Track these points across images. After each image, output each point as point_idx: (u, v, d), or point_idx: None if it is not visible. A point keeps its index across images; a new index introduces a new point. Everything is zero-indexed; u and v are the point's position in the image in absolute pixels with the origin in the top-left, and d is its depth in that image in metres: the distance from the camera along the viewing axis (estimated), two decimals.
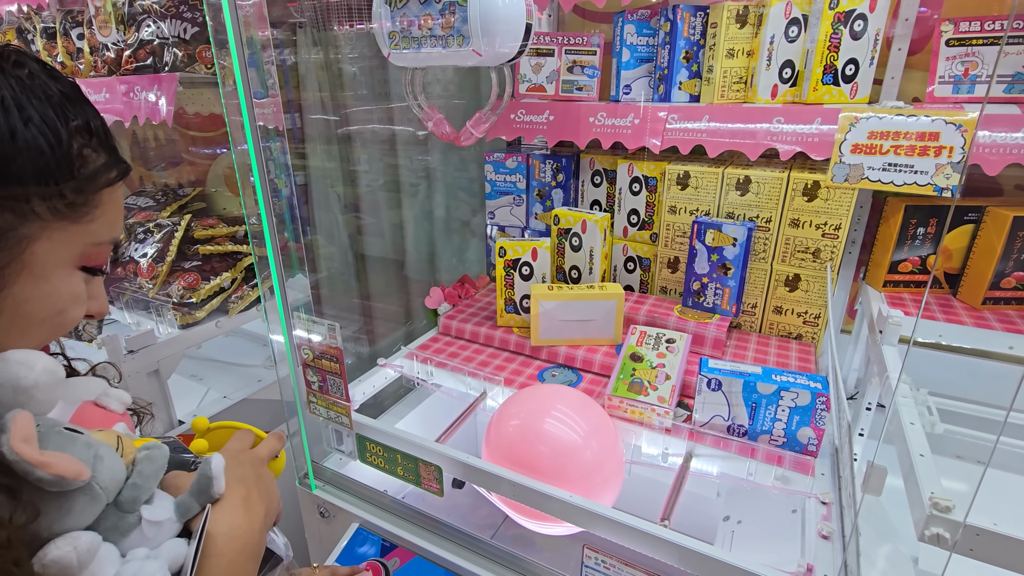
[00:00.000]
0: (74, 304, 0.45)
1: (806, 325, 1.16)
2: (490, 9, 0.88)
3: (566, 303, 1.13)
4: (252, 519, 0.52)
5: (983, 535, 0.58)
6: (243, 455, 0.59)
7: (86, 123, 0.44)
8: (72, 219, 0.43)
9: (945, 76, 1.06)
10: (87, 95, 0.46)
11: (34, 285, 0.42)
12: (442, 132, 1.12)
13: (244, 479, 0.54)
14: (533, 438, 0.91)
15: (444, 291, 1.35)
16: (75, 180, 0.42)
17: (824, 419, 0.88)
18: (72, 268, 0.45)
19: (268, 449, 0.62)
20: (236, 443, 0.61)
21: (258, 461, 0.59)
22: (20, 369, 0.40)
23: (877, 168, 0.99)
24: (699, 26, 1.17)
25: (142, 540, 0.45)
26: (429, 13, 0.93)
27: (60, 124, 0.41)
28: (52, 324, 0.44)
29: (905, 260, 1.08)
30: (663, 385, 0.99)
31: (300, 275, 1.20)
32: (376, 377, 1.17)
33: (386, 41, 1.00)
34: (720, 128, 1.13)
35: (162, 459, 0.49)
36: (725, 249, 1.13)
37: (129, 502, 0.45)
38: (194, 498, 0.49)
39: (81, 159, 0.43)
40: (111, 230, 0.46)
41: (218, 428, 0.68)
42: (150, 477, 0.47)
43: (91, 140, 0.44)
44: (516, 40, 0.93)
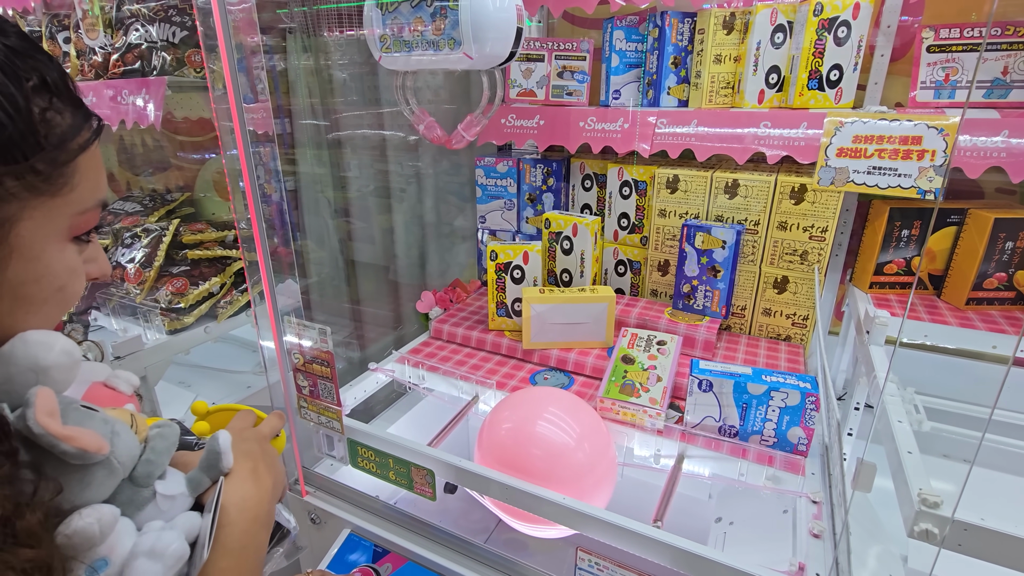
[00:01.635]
0: (72, 278, 0.44)
1: (795, 327, 1.17)
2: (481, 13, 0.89)
3: (557, 306, 1.14)
4: (261, 490, 0.53)
5: (971, 530, 0.59)
6: (247, 432, 0.60)
7: (42, 79, 0.38)
8: (51, 193, 0.39)
9: (926, 81, 1.09)
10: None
11: (26, 267, 0.40)
12: (433, 136, 1.13)
13: (250, 453, 0.56)
14: (525, 441, 0.91)
15: (435, 295, 1.34)
16: (45, 151, 0.38)
17: (813, 419, 0.89)
18: (63, 242, 0.42)
19: (270, 427, 0.64)
20: (239, 422, 0.63)
21: (262, 438, 0.61)
22: (40, 349, 0.40)
23: (862, 171, 1.00)
24: (687, 32, 1.19)
25: (157, 513, 0.47)
26: (420, 17, 0.93)
27: (14, 88, 0.36)
28: (55, 301, 0.43)
29: (890, 262, 1.10)
30: (654, 387, 1.00)
31: (290, 280, 1.19)
32: (367, 382, 1.16)
33: (377, 45, 1.00)
34: (708, 132, 1.14)
35: (173, 436, 0.50)
36: (714, 252, 1.14)
37: (144, 477, 0.46)
38: (204, 473, 0.51)
39: (46, 124, 0.38)
40: (95, 193, 0.43)
41: (217, 411, 0.70)
42: (163, 453, 0.48)
43: (52, 100, 0.39)
44: (507, 44, 0.94)
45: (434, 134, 1.12)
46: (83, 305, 1.30)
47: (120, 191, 1.90)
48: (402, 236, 1.66)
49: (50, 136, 0.39)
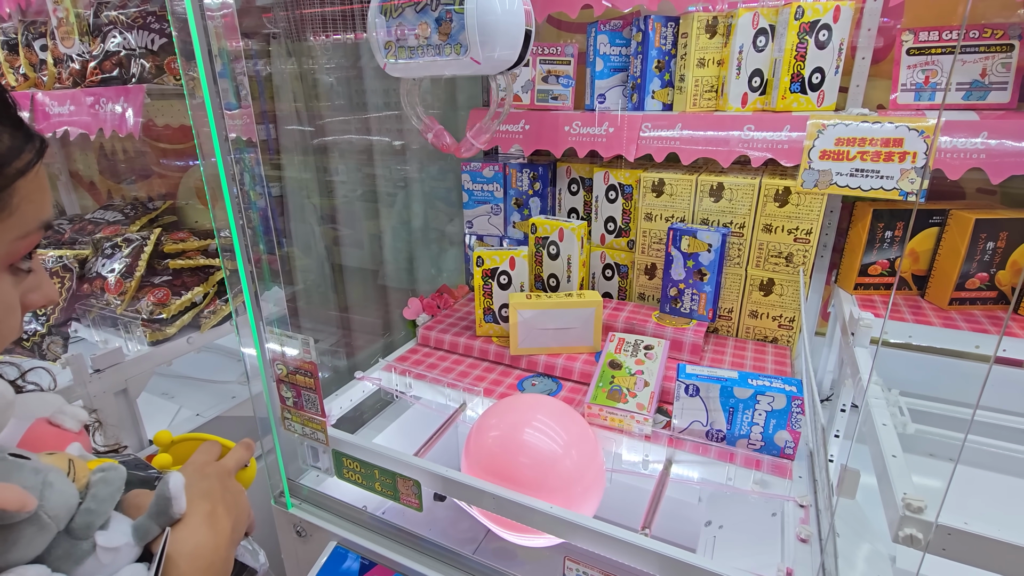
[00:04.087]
0: (6, 314, 0.40)
1: (781, 329, 1.17)
2: (488, 16, 0.85)
3: (545, 312, 1.13)
4: (218, 535, 0.49)
5: (954, 534, 0.59)
6: (208, 468, 0.56)
7: None
8: None
9: (907, 84, 1.09)
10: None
11: None
12: (443, 143, 1.10)
13: (208, 493, 0.52)
14: (513, 449, 0.91)
15: (422, 302, 1.33)
16: None
17: (800, 422, 0.89)
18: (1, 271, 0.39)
19: (235, 460, 0.60)
20: (201, 456, 0.59)
21: (224, 473, 0.57)
22: None
23: (845, 173, 1.01)
24: (670, 36, 1.19)
25: (97, 567, 0.43)
26: (425, 22, 0.90)
27: None
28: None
29: (875, 263, 1.10)
30: (642, 392, 0.99)
31: (275, 288, 1.18)
32: (354, 391, 1.15)
33: (382, 51, 0.97)
34: (693, 136, 1.15)
35: (118, 481, 0.46)
36: (700, 255, 1.14)
37: (82, 528, 0.42)
38: (153, 520, 0.47)
39: None
40: (38, 215, 0.40)
41: (183, 440, 0.66)
42: (105, 501, 0.44)
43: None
44: (516, 47, 0.91)
45: (443, 142, 1.10)
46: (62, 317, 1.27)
47: (101, 200, 1.87)
48: (389, 242, 1.65)
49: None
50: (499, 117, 1.05)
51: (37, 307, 0.44)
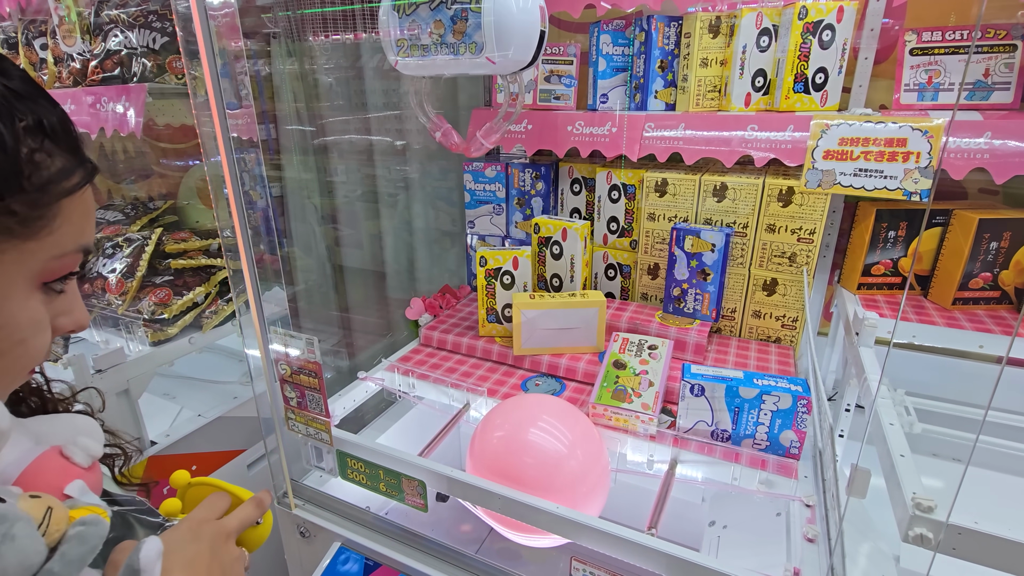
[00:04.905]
0: (36, 331, 0.40)
1: (784, 328, 1.17)
2: (505, 16, 0.84)
3: (548, 312, 1.13)
4: None
5: (965, 534, 0.59)
6: (204, 528, 0.51)
7: (38, 121, 0.37)
8: (25, 236, 0.37)
9: (910, 84, 1.10)
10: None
11: None
12: (451, 143, 1.09)
13: (192, 563, 0.47)
14: (517, 449, 0.90)
15: (425, 302, 1.33)
16: (26, 192, 0.36)
17: (805, 422, 0.89)
18: (30, 290, 0.39)
19: (239, 520, 0.54)
20: (202, 512, 0.53)
21: (221, 536, 0.51)
22: None
23: (848, 173, 1.01)
24: (673, 36, 1.19)
25: None
26: (439, 20, 0.88)
27: (3, 126, 0.35)
28: (14, 356, 0.39)
29: (878, 263, 1.10)
30: (647, 392, 0.99)
31: (277, 288, 1.17)
32: (357, 391, 1.14)
33: (393, 49, 0.95)
34: (696, 136, 1.15)
35: (95, 539, 0.41)
36: (704, 255, 1.14)
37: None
38: None
39: (32, 165, 0.37)
40: (78, 238, 0.40)
41: (200, 485, 0.61)
42: (73, 563, 0.39)
43: (44, 142, 0.38)
44: (531, 47, 0.90)
45: (452, 141, 1.09)
46: None
47: (101, 200, 1.86)
48: (390, 242, 1.65)
49: (34, 177, 0.37)
50: (510, 117, 1.04)
51: (67, 332, 0.43)
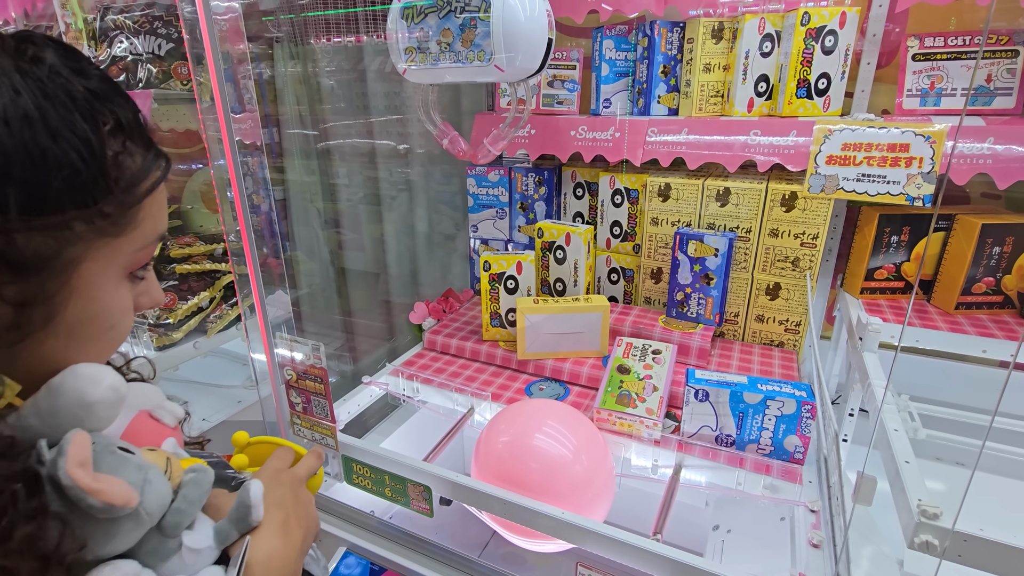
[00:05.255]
0: (124, 317, 0.43)
1: (788, 333, 1.18)
2: (513, 24, 0.85)
3: (552, 316, 1.13)
4: (290, 545, 0.51)
5: (970, 541, 0.59)
6: (283, 476, 0.57)
7: (118, 123, 0.39)
8: (115, 233, 0.39)
9: (912, 89, 1.10)
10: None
11: (84, 307, 0.39)
12: (458, 150, 1.10)
13: (282, 502, 0.53)
14: (522, 454, 0.90)
15: (428, 306, 1.33)
16: (114, 194, 0.38)
17: (810, 427, 0.90)
18: (120, 280, 0.42)
19: (307, 469, 0.61)
20: (276, 462, 0.60)
21: (297, 482, 0.58)
22: (87, 384, 0.39)
23: (851, 179, 1.01)
24: (676, 41, 1.20)
25: (180, 566, 0.44)
26: (448, 28, 0.89)
27: (91, 132, 0.36)
28: (106, 340, 0.42)
29: (881, 267, 1.11)
30: (651, 397, 1.00)
31: (281, 292, 1.18)
32: (361, 395, 1.14)
33: (401, 56, 0.96)
34: (699, 140, 1.15)
35: (207, 483, 0.48)
36: (707, 260, 1.15)
37: (171, 527, 0.44)
38: (233, 525, 0.49)
39: (118, 168, 0.38)
40: (156, 229, 0.43)
41: (258, 443, 0.68)
42: (194, 502, 0.46)
43: (125, 143, 0.39)
44: (538, 55, 0.91)
45: (459, 148, 1.10)
46: None
47: None
48: (393, 246, 1.65)
49: (120, 180, 0.39)
50: (517, 124, 1.04)
51: (146, 309, 0.47)
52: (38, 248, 0.35)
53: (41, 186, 0.34)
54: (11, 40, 0.36)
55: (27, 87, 0.34)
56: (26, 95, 0.34)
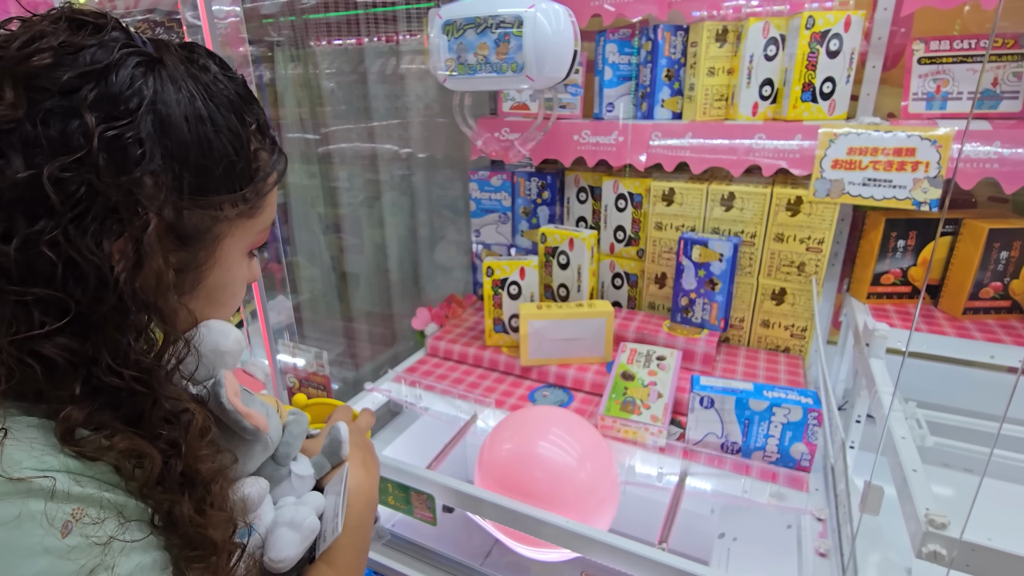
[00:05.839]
0: (243, 287, 0.50)
1: (793, 338, 1.17)
2: (543, 38, 0.94)
3: (555, 322, 1.12)
4: (371, 477, 0.61)
5: (979, 551, 0.58)
6: (352, 425, 0.66)
7: (258, 123, 0.46)
8: (249, 215, 0.46)
9: (918, 93, 1.09)
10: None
11: (220, 276, 0.46)
12: (492, 150, 1.20)
13: (359, 444, 0.63)
14: (526, 462, 0.90)
15: (430, 311, 1.33)
16: (253, 183, 0.45)
17: (816, 434, 0.89)
18: (243, 256, 0.48)
19: (366, 422, 0.70)
20: (341, 415, 0.68)
21: (362, 431, 0.67)
22: (220, 336, 0.47)
23: (857, 183, 1.01)
24: (679, 45, 1.19)
25: (289, 490, 0.53)
26: (484, 42, 0.99)
27: (242, 129, 0.43)
28: (230, 305, 0.49)
29: (887, 272, 1.10)
30: (655, 403, 0.99)
31: (282, 297, 1.17)
32: (364, 402, 1.14)
33: (443, 68, 1.05)
34: (703, 145, 1.14)
35: (305, 423, 0.57)
36: (712, 264, 1.14)
37: (283, 457, 0.53)
38: (327, 458, 0.58)
39: (256, 160, 0.45)
40: (271, 214, 0.50)
41: (315, 404, 0.77)
42: (298, 437, 0.55)
43: (264, 140, 0.46)
44: (565, 65, 0.99)
45: (492, 148, 1.20)
46: None
47: None
48: (395, 251, 1.64)
49: (259, 170, 0.46)
50: (544, 127, 1.14)
51: (251, 282, 0.53)
52: (198, 224, 0.42)
53: (207, 173, 0.41)
54: (182, 50, 0.43)
55: (199, 91, 0.41)
56: (199, 98, 0.41)
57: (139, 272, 0.37)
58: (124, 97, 0.37)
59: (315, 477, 0.56)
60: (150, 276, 0.37)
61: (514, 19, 0.95)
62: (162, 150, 0.38)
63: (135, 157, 0.37)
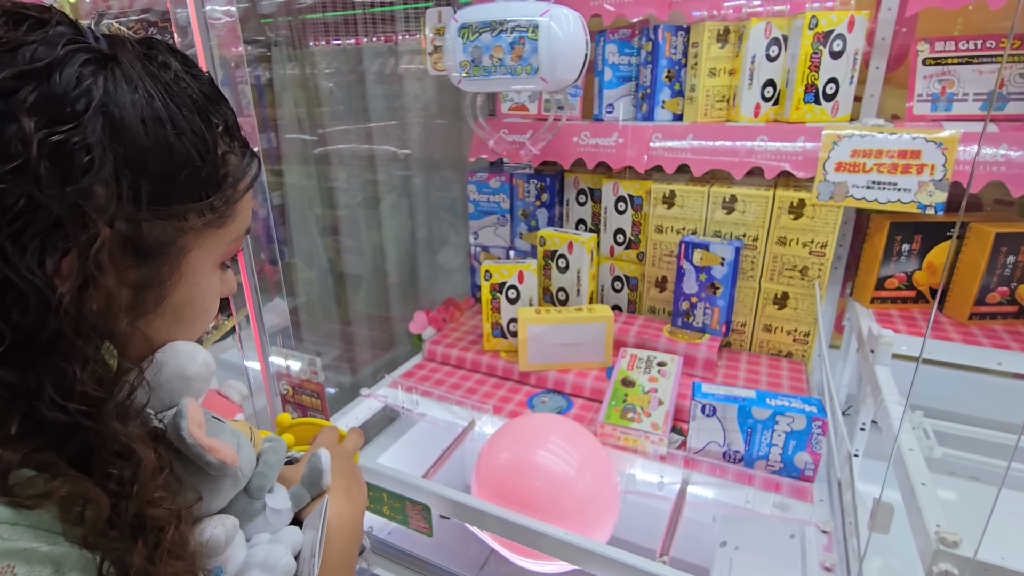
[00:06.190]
0: (214, 302, 0.46)
1: (796, 343, 1.15)
2: (556, 41, 0.97)
3: (554, 327, 1.11)
4: (355, 508, 0.56)
5: (991, 571, 0.57)
6: (336, 449, 0.61)
7: (226, 124, 0.42)
8: (218, 225, 0.43)
9: (923, 94, 1.07)
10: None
11: (188, 291, 0.42)
12: (503, 149, 1.21)
13: (343, 471, 0.57)
14: (524, 471, 0.88)
15: (428, 315, 1.31)
16: (222, 189, 0.42)
17: (820, 443, 0.87)
18: (214, 269, 0.45)
19: (353, 444, 0.65)
20: (326, 438, 0.63)
21: (347, 455, 0.62)
22: (186, 359, 0.43)
23: (861, 186, 0.99)
24: (680, 45, 1.17)
25: (264, 526, 0.48)
26: (499, 45, 1.01)
27: (207, 131, 0.40)
28: (201, 322, 0.46)
29: (891, 276, 1.08)
30: (656, 411, 0.97)
31: (278, 300, 1.15)
32: (360, 408, 1.12)
33: (458, 70, 1.07)
34: (704, 146, 1.12)
35: (283, 451, 0.51)
36: (713, 268, 1.12)
37: (257, 489, 0.48)
38: (306, 489, 0.53)
39: (225, 165, 0.42)
40: (246, 223, 0.46)
41: (300, 424, 0.71)
42: (274, 467, 0.49)
43: (232, 142, 0.43)
44: (577, 67, 1.02)
45: (503, 147, 1.21)
46: None
47: None
48: (393, 253, 1.62)
49: (228, 176, 0.42)
50: (554, 128, 1.15)
51: (225, 296, 0.49)
52: (159, 236, 0.38)
53: (168, 180, 0.38)
54: (140, 46, 0.39)
55: (158, 91, 0.37)
56: (157, 98, 0.37)
57: (87, 293, 0.33)
58: (69, 99, 0.33)
59: (293, 510, 0.52)
60: (100, 297, 0.34)
61: (529, 24, 0.98)
62: (115, 157, 0.35)
63: (82, 165, 0.33)
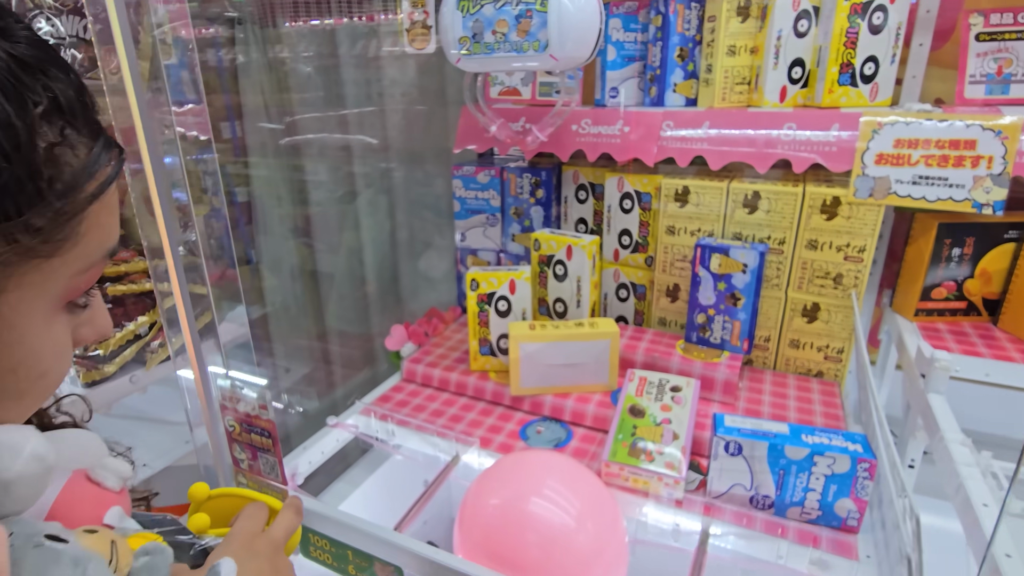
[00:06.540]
0: (58, 360, 0.34)
1: (827, 360, 1.01)
2: (568, 14, 0.88)
3: (551, 345, 0.96)
4: None
5: None
6: (257, 542, 0.50)
7: (54, 102, 0.29)
8: (48, 253, 0.30)
9: (976, 75, 0.94)
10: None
11: (5, 354, 0.30)
12: (506, 136, 1.09)
13: (264, 572, 0.47)
14: (516, 523, 0.75)
15: (407, 329, 1.16)
16: (48, 202, 0.29)
17: (867, 489, 0.73)
18: (53, 313, 0.33)
19: (284, 529, 0.53)
20: (248, 524, 0.51)
21: (275, 548, 0.51)
22: (3, 455, 0.31)
23: (906, 181, 0.85)
24: (695, 20, 1.03)
25: None
26: (503, 19, 0.91)
27: (15, 115, 0.27)
28: (35, 392, 0.34)
29: (939, 285, 0.94)
30: (670, 447, 0.83)
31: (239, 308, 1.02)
32: (326, 440, 0.97)
33: (456, 47, 0.96)
34: (723, 136, 0.99)
35: (164, 568, 0.41)
36: (734, 277, 0.98)
37: None
38: None
39: (54, 165, 0.29)
40: (105, 242, 0.34)
41: (221, 496, 0.58)
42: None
43: (65, 129, 0.29)
44: (591, 44, 0.92)
45: (507, 133, 1.09)
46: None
47: None
48: (370, 257, 1.47)
49: (57, 181, 0.29)
50: (563, 113, 1.02)
51: (90, 343, 0.39)
52: None
53: None
54: None
55: None
56: None
57: None
58: None
59: None
60: None
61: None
62: None
63: None
